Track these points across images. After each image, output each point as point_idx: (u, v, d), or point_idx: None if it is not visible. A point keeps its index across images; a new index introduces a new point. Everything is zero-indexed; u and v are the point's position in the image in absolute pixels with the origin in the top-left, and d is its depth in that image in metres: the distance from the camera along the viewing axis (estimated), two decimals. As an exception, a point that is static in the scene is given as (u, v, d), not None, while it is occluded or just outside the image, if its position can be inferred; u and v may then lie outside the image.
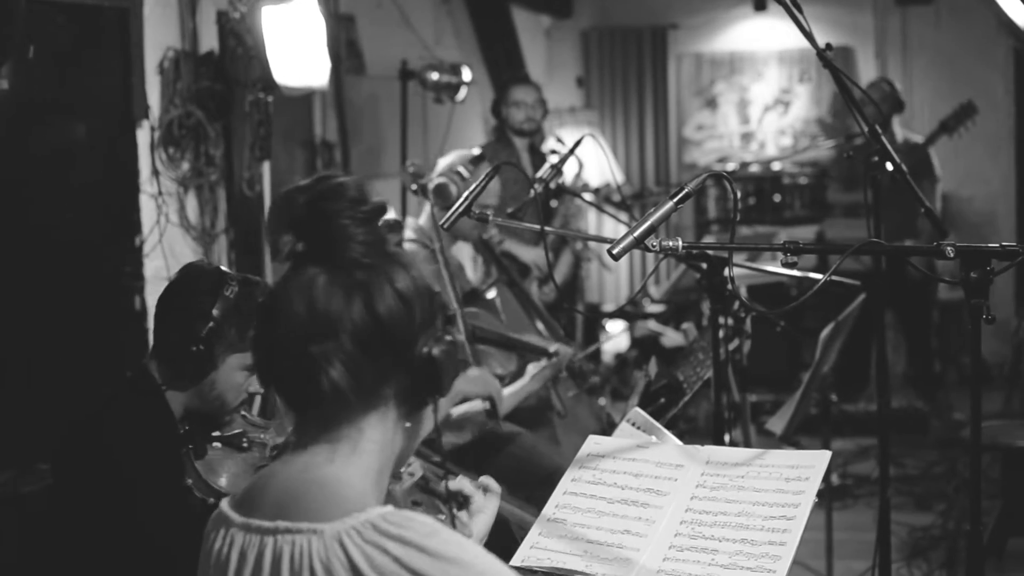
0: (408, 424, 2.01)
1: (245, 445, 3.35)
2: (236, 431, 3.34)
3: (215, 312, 3.13)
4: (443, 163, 5.10)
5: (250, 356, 3.18)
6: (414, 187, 5.07)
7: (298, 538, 1.84)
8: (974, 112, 8.15)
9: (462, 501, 2.57)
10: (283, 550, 1.85)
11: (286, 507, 1.88)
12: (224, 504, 2.00)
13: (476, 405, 4.49)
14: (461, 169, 4.94)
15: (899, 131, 8.38)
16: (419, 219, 5.13)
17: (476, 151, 5.23)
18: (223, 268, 3.28)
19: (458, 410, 4.51)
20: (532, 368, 4.73)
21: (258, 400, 3.99)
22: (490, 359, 4.76)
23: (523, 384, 4.67)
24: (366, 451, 1.94)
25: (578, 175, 8.19)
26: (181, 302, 3.20)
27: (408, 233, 5.05)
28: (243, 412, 3.44)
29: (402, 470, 4.32)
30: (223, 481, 3.23)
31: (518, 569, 2.56)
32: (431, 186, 4.97)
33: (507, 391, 4.62)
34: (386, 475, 1.99)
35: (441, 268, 4.71)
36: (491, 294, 5.22)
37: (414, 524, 1.83)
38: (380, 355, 1.91)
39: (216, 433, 3.30)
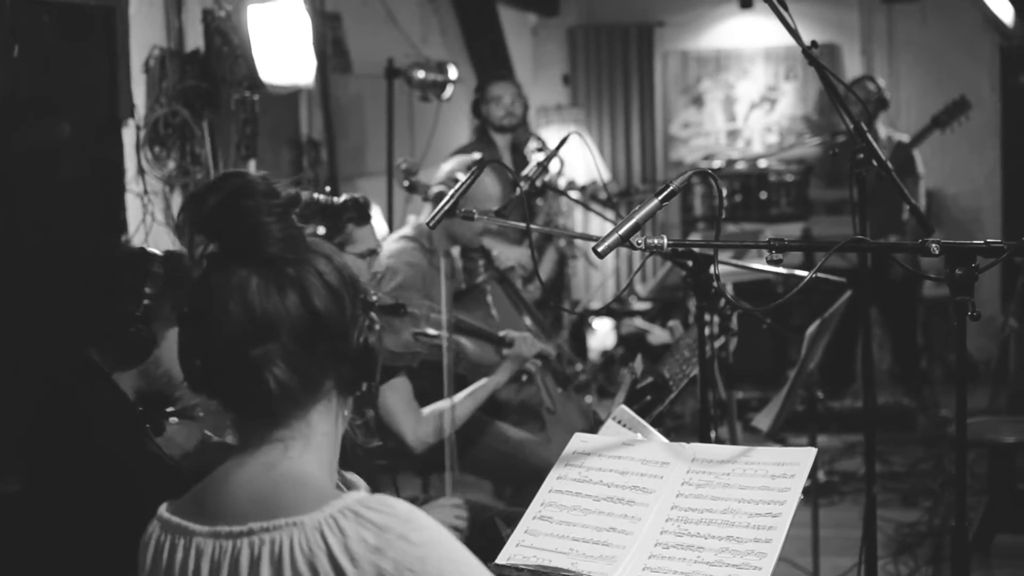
0: (346, 411, 2.01)
1: (201, 415, 3.36)
2: (191, 403, 3.35)
3: (147, 290, 3.13)
4: (445, 169, 5.10)
5: None
6: (406, 183, 5.07)
7: (277, 535, 1.82)
8: (967, 108, 8.17)
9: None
10: (262, 550, 1.82)
11: (256, 508, 1.85)
12: (167, 514, 1.96)
13: (437, 405, 4.51)
14: (459, 175, 4.94)
15: (883, 129, 8.39)
16: (419, 217, 5.15)
17: (476, 156, 5.23)
18: (144, 247, 3.28)
19: (427, 410, 4.52)
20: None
21: None
22: (472, 349, 4.75)
23: (486, 380, 4.67)
24: (318, 443, 1.93)
25: (559, 173, 8.19)
26: (107, 287, 3.19)
27: (407, 230, 5.05)
28: None
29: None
30: (182, 453, 3.26)
31: (503, 567, 2.56)
32: (431, 194, 4.97)
33: (467, 390, 4.62)
34: (335, 462, 1.99)
35: (442, 272, 4.70)
36: (484, 291, 5.22)
37: (392, 507, 1.82)
38: (320, 349, 1.90)
39: (170, 409, 3.30)
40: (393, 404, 4.44)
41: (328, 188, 6.61)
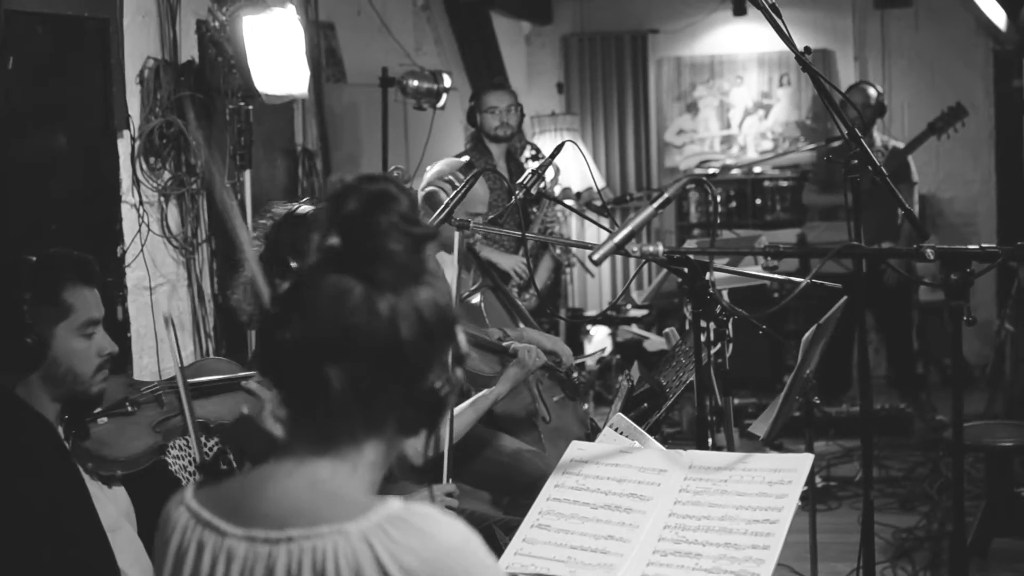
0: (399, 448, 1.96)
1: (131, 409, 3.35)
2: (118, 399, 3.34)
3: (25, 296, 3.10)
4: (432, 172, 5.09)
5: (79, 317, 3.20)
6: (397, 191, 5.06)
7: (319, 542, 1.78)
8: (964, 114, 8.18)
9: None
10: (303, 558, 1.78)
11: (297, 517, 1.81)
12: (198, 504, 1.90)
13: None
14: (451, 177, 4.93)
15: (877, 136, 8.39)
16: None
17: (465, 159, 5.22)
18: (21, 256, 3.25)
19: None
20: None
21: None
22: (474, 360, 4.74)
23: (488, 390, 4.62)
24: (364, 472, 1.89)
25: (554, 180, 8.20)
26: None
27: None
28: (129, 380, 3.45)
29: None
30: (118, 450, 3.24)
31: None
32: (421, 194, 4.96)
33: (469, 401, 4.58)
34: (376, 489, 1.93)
35: (454, 284, 4.69)
36: (475, 299, 5.21)
37: (438, 520, 1.80)
38: (392, 382, 1.85)
39: (98, 409, 3.29)
40: None
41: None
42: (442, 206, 4.59)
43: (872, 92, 8.43)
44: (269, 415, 1.95)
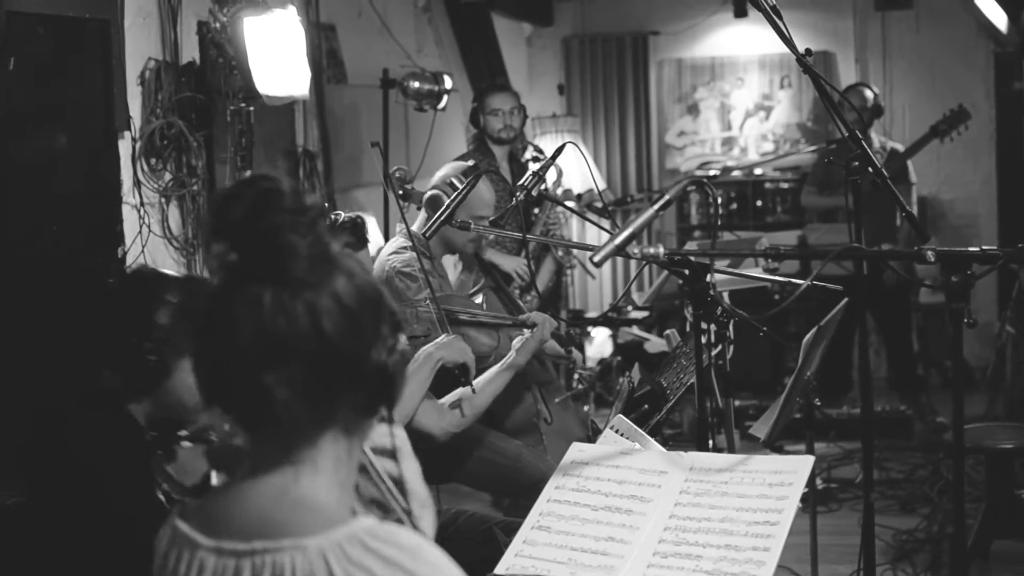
0: (365, 434, 1.96)
1: (213, 438, 3.34)
2: (202, 425, 3.33)
3: (162, 320, 3.08)
4: (438, 176, 5.09)
5: None
6: (400, 192, 5.07)
7: (279, 556, 1.78)
8: (967, 117, 8.18)
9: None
10: (263, 571, 1.79)
11: (262, 528, 1.81)
12: (180, 522, 1.92)
13: (456, 393, 4.44)
14: (455, 180, 4.93)
15: (875, 137, 8.39)
16: (413, 226, 5.15)
17: (470, 162, 5.22)
18: (164, 271, 3.22)
19: (446, 399, 4.46)
20: (516, 342, 4.69)
21: None
22: (473, 338, 4.74)
23: (511, 358, 4.62)
24: (327, 468, 1.87)
25: (557, 182, 8.20)
26: (126, 312, 3.15)
27: (403, 240, 5.04)
28: None
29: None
30: (198, 479, 3.23)
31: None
32: (425, 197, 4.97)
33: (494, 369, 4.58)
34: (351, 483, 1.94)
35: (441, 281, 4.69)
36: (478, 299, 5.21)
37: (399, 540, 1.78)
38: (332, 374, 1.83)
39: (183, 432, 3.28)
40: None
41: (327, 204, 6.62)
42: (442, 208, 4.60)
43: (869, 94, 8.42)
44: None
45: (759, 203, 10.50)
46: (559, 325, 5.01)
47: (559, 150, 4.62)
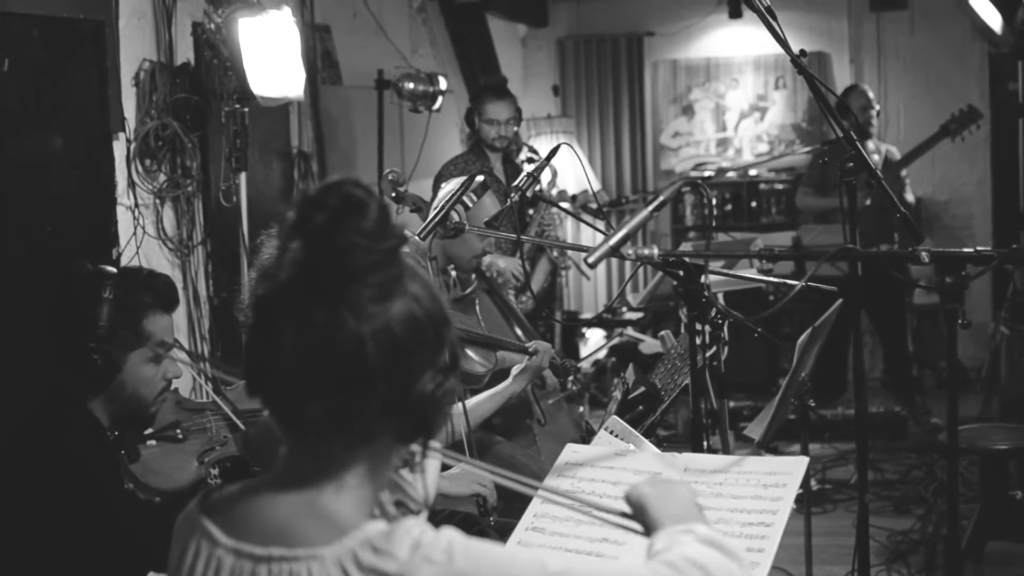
0: (397, 456, 1.92)
1: (180, 436, 3.32)
2: (169, 422, 3.31)
3: (101, 316, 3.07)
4: (446, 189, 5.09)
5: (153, 344, 3.17)
6: (393, 195, 5.06)
7: (296, 565, 1.77)
8: (979, 116, 8.19)
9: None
10: None
11: (281, 536, 1.80)
12: (202, 516, 1.90)
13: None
14: (465, 199, 4.93)
15: (870, 142, 8.39)
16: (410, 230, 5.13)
17: (480, 178, 5.22)
18: (102, 267, 3.20)
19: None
20: (515, 369, 4.69)
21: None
22: (470, 358, 4.74)
23: (506, 385, 4.63)
24: (352, 485, 1.84)
25: (551, 183, 8.19)
26: (67, 311, 3.14)
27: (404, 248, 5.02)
28: (177, 398, 3.43)
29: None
30: (163, 479, 3.22)
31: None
32: (432, 213, 4.97)
33: (487, 393, 4.59)
34: (375, 498, 1.91)
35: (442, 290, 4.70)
36: (472, 300, 5.22)
37: (412, 538, 1.76)
38: (367, 402, 1.78)
39: (148, 431, 3.26)
40: None
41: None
42: (434, 210, 4.60)
43: (871, 94, 8.43)
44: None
45: (754, 204, 10.50)
46: (556, 357, 5.01)
47: (554, 151, 4.61)
